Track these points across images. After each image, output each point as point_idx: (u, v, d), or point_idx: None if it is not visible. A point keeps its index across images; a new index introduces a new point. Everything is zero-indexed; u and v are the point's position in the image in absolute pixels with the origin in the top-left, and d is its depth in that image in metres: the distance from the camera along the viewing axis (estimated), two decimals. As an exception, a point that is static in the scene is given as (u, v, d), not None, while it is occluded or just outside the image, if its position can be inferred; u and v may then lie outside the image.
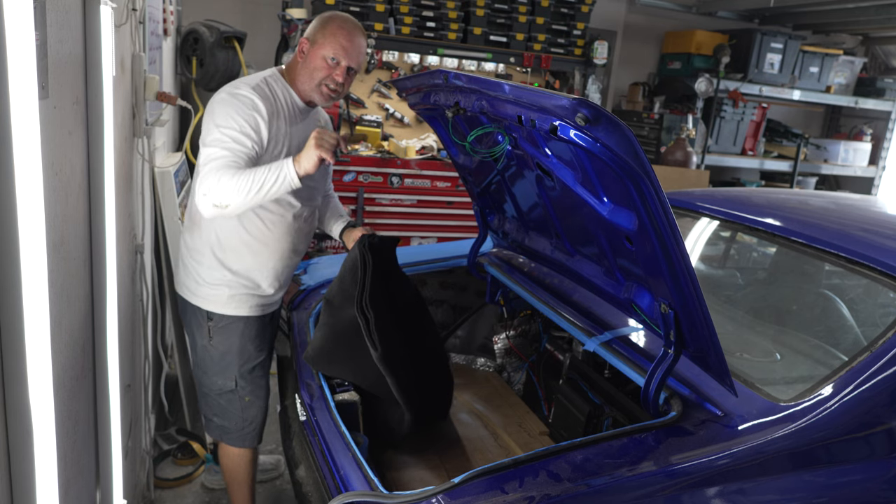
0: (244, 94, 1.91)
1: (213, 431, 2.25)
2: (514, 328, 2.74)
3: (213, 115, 1.90)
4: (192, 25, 3.18)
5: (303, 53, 2.02)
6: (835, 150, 6.54)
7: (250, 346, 2.15)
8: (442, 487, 1.32)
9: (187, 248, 2.12)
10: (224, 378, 2.14)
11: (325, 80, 2.01)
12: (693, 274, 1.44)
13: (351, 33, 2.00)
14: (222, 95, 1.93)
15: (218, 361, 2.13)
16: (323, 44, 1.99)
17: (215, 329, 2.10)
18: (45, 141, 1.08)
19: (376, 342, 1.89)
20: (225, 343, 2.11)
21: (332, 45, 1.98)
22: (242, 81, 1.98)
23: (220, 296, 2.08)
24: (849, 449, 1.56)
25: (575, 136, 1.36)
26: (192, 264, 2.09)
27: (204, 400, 2.22)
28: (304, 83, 2.03)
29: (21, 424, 1.10)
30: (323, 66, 1.99)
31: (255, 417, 2.21)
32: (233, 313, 2.10)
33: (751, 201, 2.55)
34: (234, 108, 1.88)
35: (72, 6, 1.35)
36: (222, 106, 1.90)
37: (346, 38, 1.99)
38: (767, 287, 2.60)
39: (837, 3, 5.44)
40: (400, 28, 4.46)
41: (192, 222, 2.09)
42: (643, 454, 1.47)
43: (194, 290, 2.10)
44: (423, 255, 2.79)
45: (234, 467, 2.28)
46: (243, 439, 2.22)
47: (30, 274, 1.06)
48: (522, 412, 2.43)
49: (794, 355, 1.99)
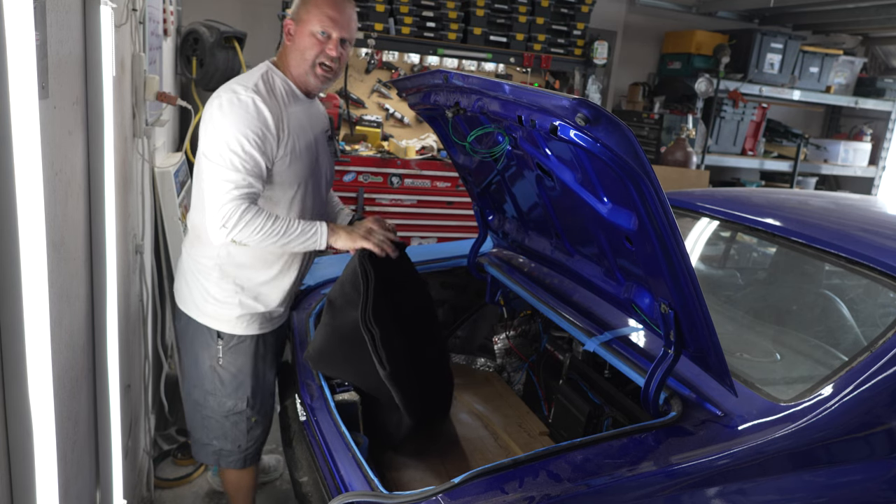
0: (245, 99, 1.76)
1: (209, 457, 2.10)
2: (514, 328, 2.74)
3: (215, 124, 1.76)
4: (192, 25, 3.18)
5: (290, 35, 1.87)
6: (835, 151, 6.54)
7: (262, 365, 2.05)
8: (442, 487, 1.32)
9: (193, 263, 1.97)
10: (235, 399, 2.02)
11: (318, 58, 1.85)
12: (693, 274, 1.44)
13: (336, 1, 1.83)
14: (221, 101, 1.77)
15: (229, 383, 2.01)
16: (308, 19, 1.83)
17: (226, 349, 1.98)
18: (45, 141, 1.08)
19: (384, 360, 1.81)
20: (236, 363, 2.00)
21: (318, 18, 1.82)
22: (239, 83, 1.82)
23: (230, 314, 1.96)
24: (849, 449, 1.56)
25: (575, 137, 1.36)
26: (199, 279, 1.96)
27: (202, 423, 2.06)
28: (296, 66, 1.87)
29: (21, 424, 1.10)
30: (313, 44, 1.84)
31: (258, 437, 2.12)
32: (244, 332, 1.98)
33: (751, 201, 2.55)
34: (239, 118, 1.74)
35: (72, 6, 1.35)
36: (225, 115, 1.75)
37: (331, 7, 1.82)
38: (767, 287, 2.60)
39: (837, 4, 5.44)
40: (400, 28, 4.46)
41: (197, 236, 1.94)
42: (643, 454, 1.47)
43: (201, 306, 1.97)
44: (424, 256, 2.79)
45: (240, 487, 2.18)
46: (245, 460, 2.11)
47: (30, 274, 1.06)
48: (522, 412, 2.42)
49: (794, 355, 1.99)
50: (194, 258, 1.97)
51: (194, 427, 2.10)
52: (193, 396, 2.06)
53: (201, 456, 2.14)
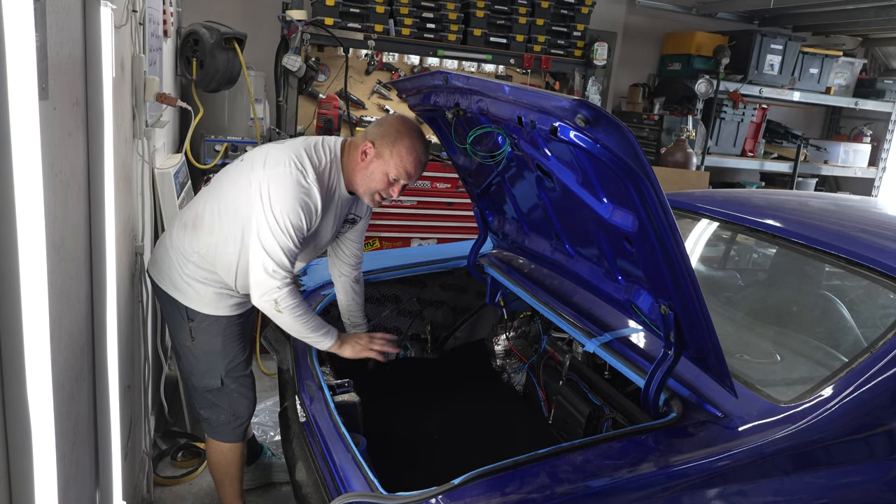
0: (310, 187, 1.90)
1: (203, 424, 2.27)
2: (514, 329, 2.74)
3: (278, 197, 1.86)
4: (193, 27, 3.18)
5: (365, 156, 1.99)
6: (835, 152, 6.53)
7: (233, 345, 2.16)
8: (442, 488, 1.32)
9: (180, 246, 2.07)
10: (210, 378, 2.15)
11: (380, 191, 2.02)
12: (693, 275, 1.44)
13: (419, 158, 1.98)
14: (288, 175, 1.88)
15: (203, 361, 2.14)
16: (389, 162, 1.97)
17: (197, 329, 2.10)
18: (44, 142, 1.08)
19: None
20: (208, 343, 2.12)
21: (397, 168, 1.97)
22: (308, 163, 1.93)
23: (204, 294, 2.07)
24: (849, 450, 1.55)
25: (575, 138, 1.36)
26: (180, 261, 2.07)
27: (192, 394, 2.24)
28: (358, 184, 2.03)
29: (20, 425, 1.10)
30: (383, 182, 1.99)
31: (242, 413, 2.23)
32: (213, 313, 2.09)
33: (751, 202, 2.55)
34: (300, 204, 1.88)
35: (72, 7, 1.35)
36: (289, 194, 1.87)
37: (413, 164, 1.98)
38: (767, 288, 2.60)
39: (837, 5, 5.44)
40: (400, 29, 4.45)
41: (195, 227, 2.05)
42: (643, 455, 1.47)
43: (178, 284, 2.08)
44: (423, 257, 2.79)
45: (223, 463, 2.29)
46: (231, 434, 2.23)
47: (29, 275, 1.06)
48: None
49: (794, 356, 1.99)
50: (182, 243, 2.06)
51: (189, 397, 2.31)
52: (182, 372, 2.24)
53: (202, 428, 2.29)
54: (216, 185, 2.08)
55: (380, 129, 2.01)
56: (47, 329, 1.12)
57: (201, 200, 2.09)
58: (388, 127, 2.00)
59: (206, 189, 2.13)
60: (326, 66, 4.74)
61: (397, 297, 2.80)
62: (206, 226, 2.02)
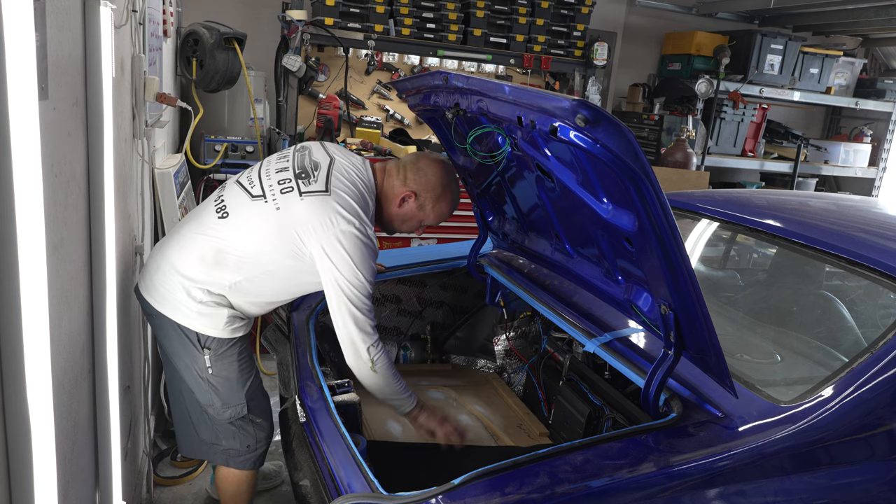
0: (373, 242, 1.91)
1: (217, 456, 2.08)
2: (514, 329, 2.74)
3: (352, 257, 1.84)
4: (192, 27, 3.18)
5: (404, 202, 2.02)
6: (835, 152, 6.53)
7: (249, 365, 2.05)
8: (442, 489, 1.32)
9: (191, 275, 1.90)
10: (234, 405, 2.00)
11: (408, 230, 2.10)
12: (693, 275, 1.44)
13: (454, 208, 2.08)
14: (358, 236, 1.85)
15: (225, 389, 1.98)
16: (430, 215, 2.05)
17: (214, 357, 1.95)
18: (44, 142, 1.08)
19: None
20: (227, 369, 1.98)
21: (435, 220, 2.06)
22: (366, 219, 1.90)
23: (220, 318, 1.93)
24: (849, 450, 1.55)
25: (575, 138, 1.36)
26: (190, 288, 1.90)
27: (209, 428, 2.04)
28: (390, 221, 2.08)
29: (20, 426, 1.10)
30: (416, 225, 2.08)
31: (265, 438, 2.10)
32: (230, 336, 1.96)
33: (751, 202, 2.55)
34: (370, 257, 1.89)
35: (72, 7, 1.35)
36: (361, 252, 1.86)
37: (449, 214, 2.07)
38: (768, 288, 2.60)
39: (837, 5, 5.43)
40: (400, 29, 4.45)
41: (216, 264, 1.89)
42: (643, 456, 1.47)
43: (187, 312, 1.91)
44: (423, 257, 2.79)
45: (239, 492, 2.15)
46: (254, 460, 2.10)
47: (29, 275, 1.06)
48: (522, 413, 2.42)
49: (794, 356, 1.99)
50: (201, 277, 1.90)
51: (200, 428, 2.05)
52: (196, 398, 2.00)
53: (210, 455, 2.10)
54: (235, 219, 1.90)
55: (423, 179, 2.01)
56: (47, 329, 1.11)
57: (218, 231, 1.90)
58: (433, 178, 2.01)
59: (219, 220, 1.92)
60: (326, 66, 4.74)
61: (397, 297, 2.80)
62: (233, 265, 1.89)
